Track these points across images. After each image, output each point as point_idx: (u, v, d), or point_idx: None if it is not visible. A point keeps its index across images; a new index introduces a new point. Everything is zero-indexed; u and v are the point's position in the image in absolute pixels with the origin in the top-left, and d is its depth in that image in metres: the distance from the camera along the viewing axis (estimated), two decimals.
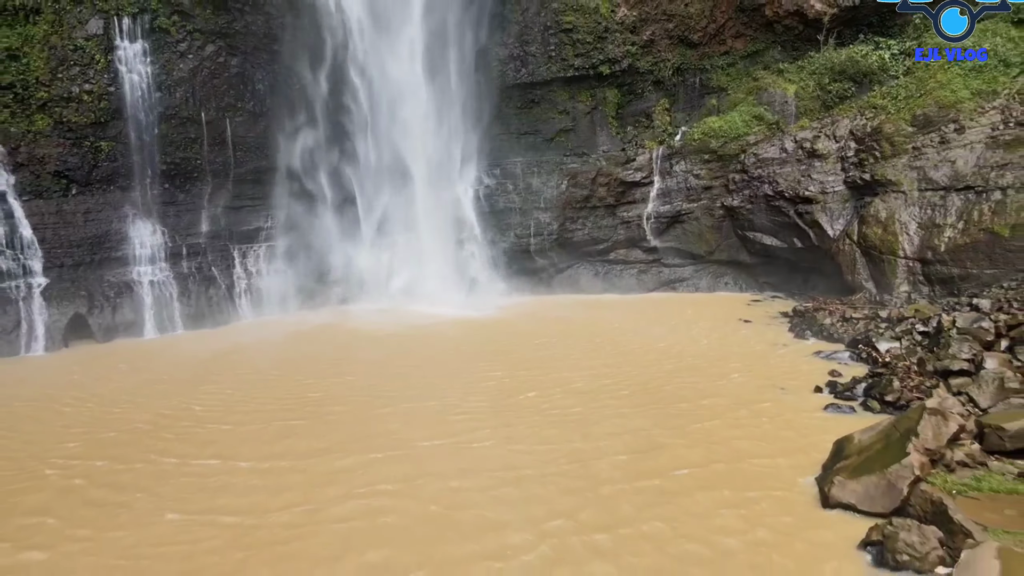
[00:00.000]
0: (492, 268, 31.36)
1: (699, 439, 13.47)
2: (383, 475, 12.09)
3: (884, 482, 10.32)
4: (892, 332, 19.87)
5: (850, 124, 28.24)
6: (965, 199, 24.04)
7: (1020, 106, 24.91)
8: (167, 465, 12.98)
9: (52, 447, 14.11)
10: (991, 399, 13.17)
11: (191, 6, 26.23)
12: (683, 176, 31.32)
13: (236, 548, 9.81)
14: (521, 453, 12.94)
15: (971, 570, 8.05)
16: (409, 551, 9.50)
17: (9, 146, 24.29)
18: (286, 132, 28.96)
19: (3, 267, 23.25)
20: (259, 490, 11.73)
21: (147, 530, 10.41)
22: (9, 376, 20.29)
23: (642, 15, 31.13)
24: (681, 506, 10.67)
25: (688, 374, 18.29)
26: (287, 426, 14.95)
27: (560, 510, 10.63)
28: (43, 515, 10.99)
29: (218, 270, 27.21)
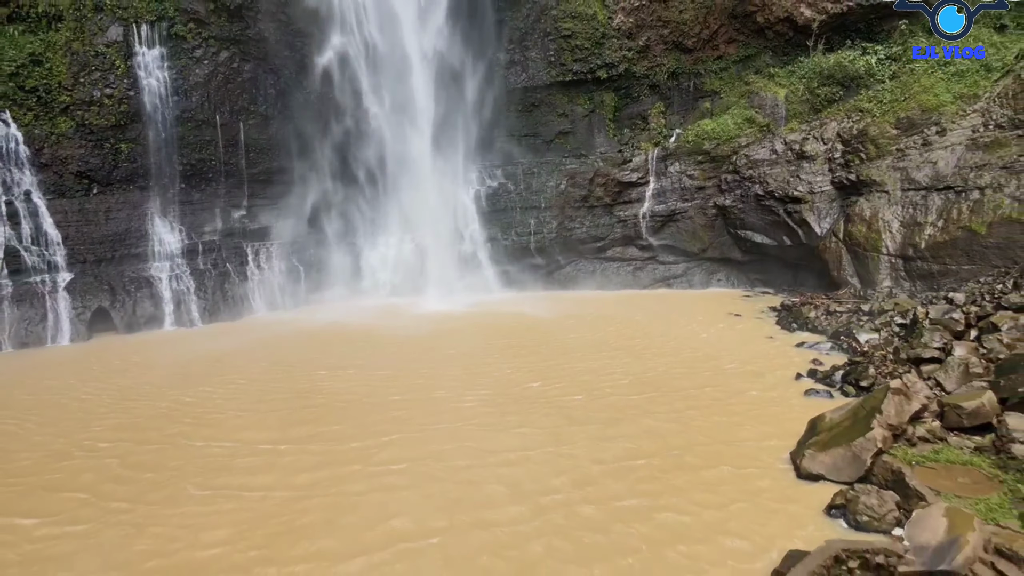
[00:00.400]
0: (494, 265, 32.27)
1: (688, 422, 14.39)
2: (396, 455, 12.96)
3: (850, 454, 11.31)
4: (872, 324, 20.87)
5: (837, 127, 29.16)
6: (945, 198, 24.97)
7: (1000, 109, 25.77)
8: (191, 447, 13.88)
9: (80, 431, 15.02)
10: (956, 383, 14.11)
11: (207, 14, 27.23)
12: (677, 176, 32.28)
13: (266, 516, 10.74)
14: (524, 436, 13.85)
15: (921, 526, 9.00)
16: (424, 520, 10.40)
17: (33, 147, 25.30)
18: (296, 134, 29.93)
19: (29, 263, 24.32)
20: (280, 468, 12.64)
21: (178, 503, 11.31)
22: (37, 365, 21.30)
23: (638, 22, 32.05)
24: (667, 482, 11.56)
25: (681, 364, 19.22)
26: (303, 413, 15.87)
27: (557, 486, 11.52)
28: (79, 492, 11.83)
29: (232, 266, 28.25)
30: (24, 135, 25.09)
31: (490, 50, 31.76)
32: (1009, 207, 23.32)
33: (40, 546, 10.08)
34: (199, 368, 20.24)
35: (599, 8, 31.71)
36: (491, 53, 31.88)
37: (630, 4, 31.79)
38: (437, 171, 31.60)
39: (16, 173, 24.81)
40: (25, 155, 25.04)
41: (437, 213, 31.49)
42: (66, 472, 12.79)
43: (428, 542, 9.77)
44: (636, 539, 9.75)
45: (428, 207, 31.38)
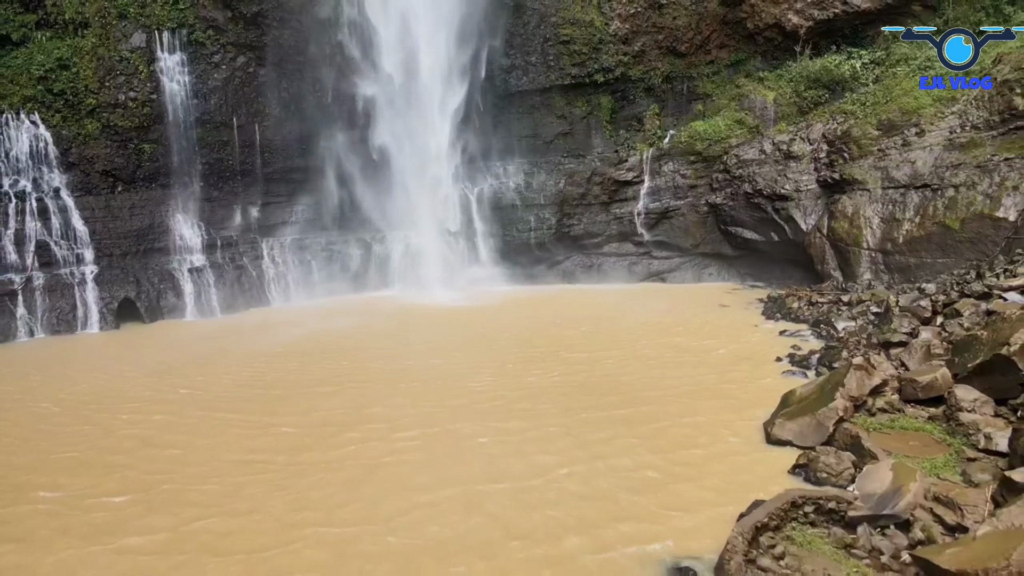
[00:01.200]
0: (496, 260, 33.33)
1: (675, 399, 15.53)
2: (411, 429, 14.11)
3: (815, 422, 12.45)
4: (850, 313, 21.97)
5: (823, 128, 30.19)
6: (922, 196, 26.06)
7: (976, 111, 26.76)
8: (217, 421, 15.07)
9: (116, 407, 16.26)
10: (918, 362, 15.19)
11: (224, 22, 28.39)
12: (671, 176, 33.35)
13: (297, 478, 11.93)
14: (525, 411, 14.99)
15: (870, 479, 10.13)
16: (438, 480, 11.54)
17: (61, 147, 26.49)
18: (308, 136, 31.08)
19: (59, 256, 25.53)
20: (305, 438, 13.80)
21: (215, 469, 12.45)
22: (70, 351, 22.57)
23: (634, 28, 33.07)
24: (652, 447, 12.70)
25: (673, 349, 20.37)
26: (321, 392, 17.06)
27: (553, 449, 12.71)
28: (122, 464, 12.87)
29: (249, 260, 29.44)
30: (53, 136, 26.29)
31: (493, 55, 32.82)
32: (981, 204, 24.41)
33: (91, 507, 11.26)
34: (219, 355, 21.41)
35: (596, 15, 32.76)
36: (494, 58, 32.95)
37: (626, 11, 32.81)
38: (442, 171, 32.67)
39: (46, 172, 26.04)
40: (54, 155, 26.24)
41: (442, 210, 32.59)
42: (108, 448, 13.98)
43: (445, 494, 11.01)
44: (621, 491, 10.91)
45: (434, 205, 32.47)
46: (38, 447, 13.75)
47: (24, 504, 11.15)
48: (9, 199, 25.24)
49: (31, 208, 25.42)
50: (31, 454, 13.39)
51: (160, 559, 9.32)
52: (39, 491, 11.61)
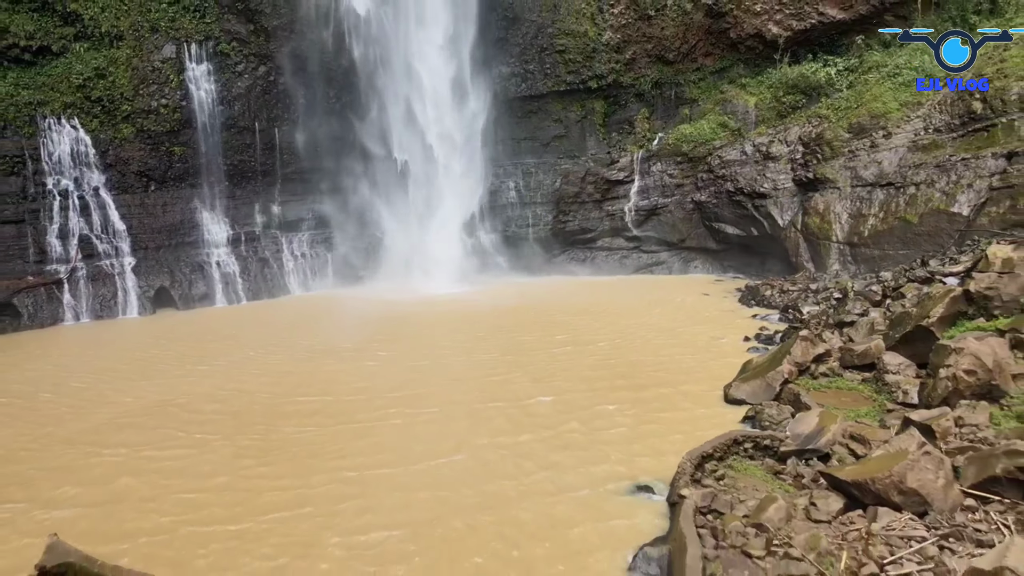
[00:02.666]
0: (496, 254, 35.32)
1: (655, 368, 17.66)
2: (424, 402, 16.01)
3: (765, 383, 14.52)
4: (815, 299, 24.01)
5: (799, 131, 32.13)
6: (887, 193, 28.06)
7: (939, 115, 28.70)
8: (247, 392, 17.18)
9: (158, 381, 18.41)
10: (863, 337, 17.23)
11: (247, 34, 30.49)
12: (659, 175, 35.35)
13: (325, 437, 14.04)
14: (524, 383, 17.01)
15: (800, 423, 12.13)
16: (449, 442, 13.39)
17: (100, 150, 28.58)
18: (323, 139, 33.12)
19: (100, 248, 27.70)
20: (329, 406, 15.91)
21: (252, 430, 14.50)
22: (113, 333, 24.81)
23: (625, 37, 35.03)
24: (631, 405, 14.77)
25: (655, 330, 22.39)
26: (338, 369, 19.19)
27: (544, 413, 14.78)
28: (166, 428, 14.83)
29: (270, 253, 31.62)
30: (92, 139, 28.36)
31: (494, 63, 34.87)
32: (939, 200, 26.41)
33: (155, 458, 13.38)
34: (245, 335, 23.56)
35: (590, 26, 34.75)
36: (495, 66, 35.00)
37: (618, 22, 34.79)
38: (448, 170, 34.70)
39: (86, 172, 28.14)
40: (93, 156, 28.33)
41: (448, 207, 34.64)
42: (151, 414, 16.10)
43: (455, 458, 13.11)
44: (600, 442, 13.00)
45: (440, 202, 34.54)
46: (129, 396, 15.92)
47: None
48: (54, 197, 27.37)
49: (73, 205, 27.54)
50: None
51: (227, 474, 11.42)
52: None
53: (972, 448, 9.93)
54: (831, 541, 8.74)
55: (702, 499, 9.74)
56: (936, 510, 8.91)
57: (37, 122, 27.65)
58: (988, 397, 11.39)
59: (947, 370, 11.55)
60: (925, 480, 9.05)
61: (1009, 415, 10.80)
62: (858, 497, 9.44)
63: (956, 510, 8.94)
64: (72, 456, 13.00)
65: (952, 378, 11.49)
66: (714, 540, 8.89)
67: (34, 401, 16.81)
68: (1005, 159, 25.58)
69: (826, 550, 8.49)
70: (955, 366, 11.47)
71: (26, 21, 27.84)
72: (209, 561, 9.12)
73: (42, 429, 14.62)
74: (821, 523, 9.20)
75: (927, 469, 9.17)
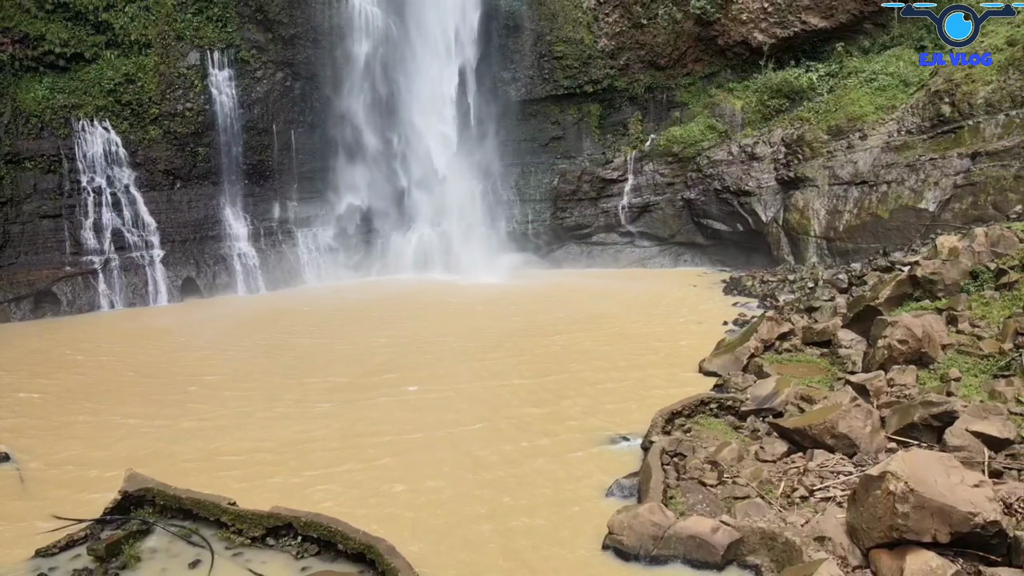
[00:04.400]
0: (498, 248, 36.82)
1: (644, 348, 19.47)
2: (444, 380, 17.81)
3: (733, 357, 16.27)
4: (791, 288, 25.76)
5: (782, 133, 33.70)
6: (861, 191, 29.75)
7: (912, 118, 30.27)
8: (275, 361, 19.02)
9: (193, 357, 20.24)
10: (827, 319, 18.98)
11: (266, 42, 32.26)
12: (651, 174, 37.00)
13: (352, 409, 15.83)
14: (525, 361, 18.81)
15: (759, 388, 13.80)
16: (472, 414, 15.17)
17: (129, 150, 30.31)
18: (336, 140, 34.87)
19: (131, 241, 29.52)
20: (360, 382, 17.73)
21: (282, 387, 16.38)
22: (149, 318, 26.83)
23: (619, 44, 36.60)
24: (623, 372, 16.62)
25: (643, 316, 24.15)
26: (358, 349, 21.00)
27: (546, 387, 16.62)
28: (197, 399, 16.73)
29: (287, 247, 33.43)
30: (122, 140, 30.08)
31: (495, 69, 36.58)
32: (907, 197, 28.12)
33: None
34: (267, 319, 25.41)
35: (586, 34, 36.38)
36: (496, 71, 36.71)
37: (612, 30, 36.42)
38: (454, 170, 36.31)
39: (117, 170, 29.88)
40: (124, 156, 30.06)
41: (452, 205, 36.30)
42: (192, 383, 17.92)
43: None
44: (594, 405, 14.79)
45: (445, 200, 36.22)
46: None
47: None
48: (88, 193, 29.15)
49: (106, 201, 29.31)
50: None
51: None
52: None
53: (898, 403, 11.66)
54: (773, 475, 10.53)
55: (669, 444, 11.50)
56: (863, 451, 10.65)
57: (71, 124, 29.34)
58: (919, 363, 13.10)
59: (884, 340, 13.27)
60: (854, 426, 10.80)
61: (934, 377, 12.56)
62: (799, 442, 11.20)
63: (881, 452, 10.67)
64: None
65: (888, 347, 13.21)
66: (676, 474, 10.67)
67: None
68: (970, 159, 27.20)
69: (767, 480, 10.27)
70: (890, 337, 13.18)
71: (60, 30, 29.46)
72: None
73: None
74: (767, 463, 10.95)
75: (856, 418, 10.92)
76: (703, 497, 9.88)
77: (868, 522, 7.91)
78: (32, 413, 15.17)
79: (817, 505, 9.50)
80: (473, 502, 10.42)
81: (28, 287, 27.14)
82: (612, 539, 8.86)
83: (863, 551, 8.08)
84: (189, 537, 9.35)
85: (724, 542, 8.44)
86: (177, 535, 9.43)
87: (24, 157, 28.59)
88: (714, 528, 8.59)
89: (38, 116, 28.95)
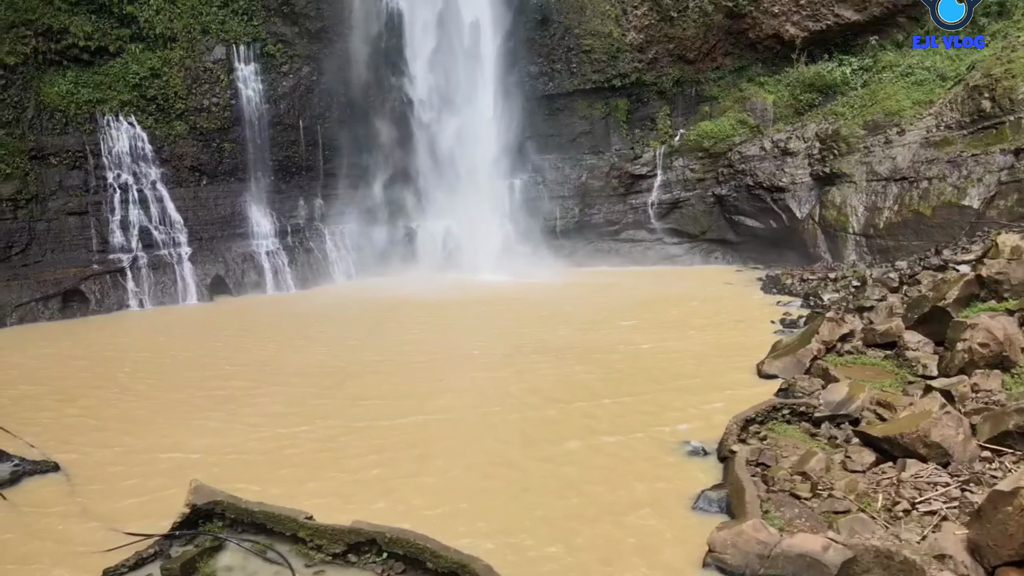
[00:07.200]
0: (526, 245, 36.45)
1: (694, 348, 19.03)
2: (468, 369, 17.65)
3: (795, 360, 15.81)
4: (834, 287, 25.22)
5: (816, 128, 33.30)
6: (900, 187, 29.24)
7: (950, 112, 29.82)
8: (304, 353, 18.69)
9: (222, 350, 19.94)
10: (883, 319, 18.50)
11: (292, 36, 31.87)
12: (681, 170, 36.54)
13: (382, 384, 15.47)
14: (572, 365, 18.46)
15: (831, 392, 13.38)
16: (490, 395, 15.02)
17: (155, 145, 29.96)
18: (363, 136, 34.45)
19: (159, 239, 29.17)
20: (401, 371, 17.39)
21: (310, 364, 16.02)
22: (181, 317, 26.56)
23: (648, 38, 36.15)
24: (671, 385, 16.16)
25: (683, 312, 23.81)
26: (394, 340, 20.66)
27: (595, 392, 16.22)
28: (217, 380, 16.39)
29: (315, 244, 33.09)
30: (148, 136, 29.75)
31: (523, 63, 36.15)
32: (950, 194, 27.61)
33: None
34: (295, 319, 25.16)
35: (615, 27, 35.91)
36: (524, 65, 36.28)
37: (641, 23, 35.96)
38: (481, 167, 35.86)
39: (143, 167, 29.52)
40: (150, 152, 29.73)
41: (480, 201, 35.86)
42: (225, 378, 17.58)
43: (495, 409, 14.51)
44: (652, 410, 14.38)
45: (473, 196, 35.80)
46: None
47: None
48: (115, 190, 28.79)
49: (133, 198, 28.94)
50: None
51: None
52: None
53: (986, 409, 11.21)
54: (868, 487, 10.10)
55: (751, 453, 11.06)
56: (957, 461, 10.21)
57: (96, 119, 28.97)
58: (1000, 367, 12.65)
59: (963, 343, 12.82)
60: (947, 435, 10.35)
61: (1019, 381, 12.10)
62: (888, 451, 10.75)
63: (974, 461, 10.23)
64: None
65: (968, 351, 12.76)
66: (765, 485, 10.22)
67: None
68: (1013, 155, 26.70)
69: (863, 492, 9.83)
70: (970, 340, 12.73)
71: (84, 23, 29.04)
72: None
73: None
74: (856, 473, 10.50)
75: (948, 426, 10.47)
76: (799, 511, 9.43)
77: (996, 539, 7.49)
78: (76, 419, 14.75)
79: (922, 519, 9.07)
80: (557, 512, 10.01)
81: (55, 286, 26.79)
82: (714, 557, 8.44)
83: (988, 570, 7.68)
84: (264, 553, 8.93)
85: (837, 561, 8.00)
86: (251, 551, 9.03)
87: (49, 153, 28.22)
88: (824, 546, 8.13)
89: (62, 111, 28.59)
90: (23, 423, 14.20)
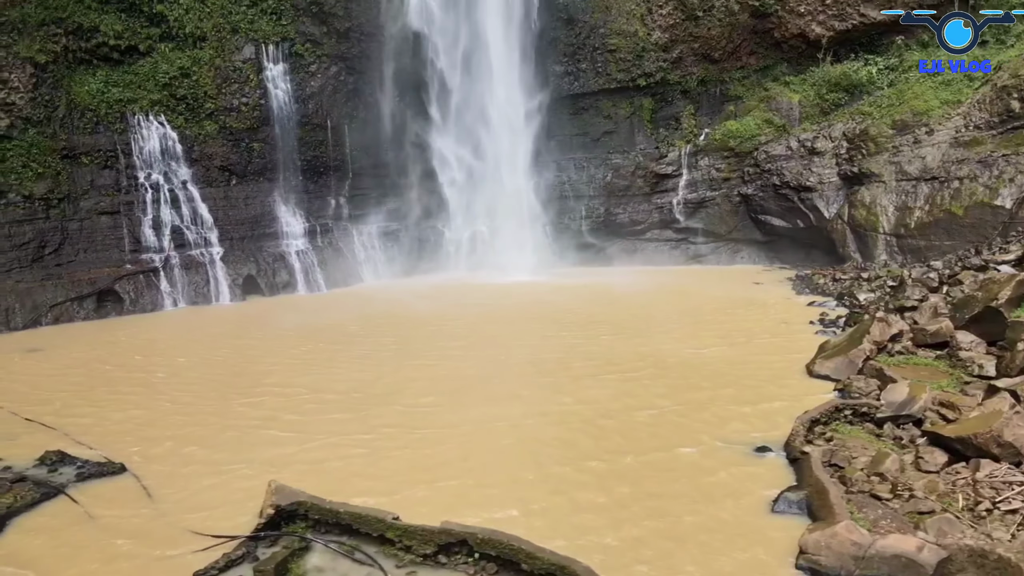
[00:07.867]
0: (552, 245, 36.53)
1: (731, 347, 19.05)
2: (494, 364, 17.71)
3: (847, 360, 15.81)
4: (869, 287, 25.22)
5: (843, 127, 33.23)
6: (931, 187, 29.20)
7: (979, 113, 29.76)
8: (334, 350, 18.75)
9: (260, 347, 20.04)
10: (927, 319, 18.47)
11: (320, 36, 31.94)
12: (706, 169, 36.52)
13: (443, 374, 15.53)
14: (598, 352, 18.55)
15: (892, 393, 13.41)
16: (508, 384, 15.09)
17: (186, 145, 30.07)
18: (390, 136, 34.57)
19: (190, 238, 29.28)
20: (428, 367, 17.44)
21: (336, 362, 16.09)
22: (217, 316, 26.83)
23: (673, 37, 36.08)
24: (721, 383, 16.20)
25: (718, 313, 23.77)
26: (422, 334, 20.74)
27: (656, 391, 16.26)
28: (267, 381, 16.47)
29: (344, 245, 33.17)
30: (178, 135, 29.85)
31: (548, 63, 36.19)
32: (982, 194, 27.56)
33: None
34: (327, 318, 25.35)
35: (640, 26, 35.89)
36: (548, 65, 36.31)
37: (666, 22, 35.91)
38: (506, 167, 35.89)
39: (174, 166, 29.64)
40: (180, 151, 29.83)
41: (506, 201, 35.88)
42: (262, 372, 17.65)
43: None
44: (712, 410, 14.41)
45: (499, 196, 35.84)
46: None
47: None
48: (146, 190, 28.91)
49: (164, 198, 29.06)
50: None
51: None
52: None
53: None
54: (945, 487, 10.12)
55: (823, 455, 11.11)
56: None
57: (127, 119, 29.07)
58: None
59: None
60: (1019, 435, 10.36)
61: None
62: (960, 451, 10.77)
63: None
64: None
65: None
66: (843, 486, 10.26)
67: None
68: None
69: (943, 492, 9.86)
70: None
71: (114, 21, 29.12)
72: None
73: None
74: (930, 473, 10.54)
75: (1020, 425, 10.49)
76: (882, 512, 9.45)
77: None
78: (133, 419, 14.83)
79: (1004, 518, 9.12)
80: (637, 515, 10.04)
81: (90, 285, 26.89)
82: (807, 559, 8.48)
83: None
84: (352, 554, 8.98)
85: (932, 561, 8.04)
86: (339, 552, 9.08)
87: (80, 152, 28.34)
88: (919, 546, 8.18)
89: (93, 110, 28.68)
90: (74, 425, 14.31)
